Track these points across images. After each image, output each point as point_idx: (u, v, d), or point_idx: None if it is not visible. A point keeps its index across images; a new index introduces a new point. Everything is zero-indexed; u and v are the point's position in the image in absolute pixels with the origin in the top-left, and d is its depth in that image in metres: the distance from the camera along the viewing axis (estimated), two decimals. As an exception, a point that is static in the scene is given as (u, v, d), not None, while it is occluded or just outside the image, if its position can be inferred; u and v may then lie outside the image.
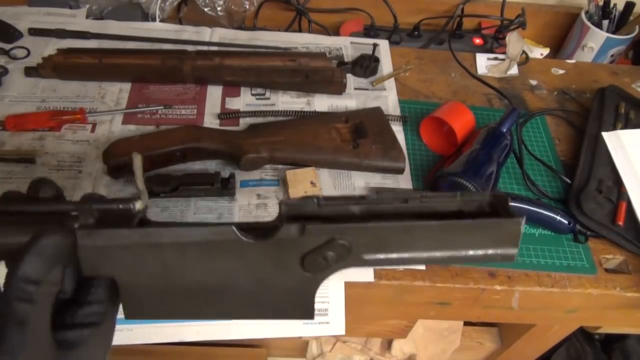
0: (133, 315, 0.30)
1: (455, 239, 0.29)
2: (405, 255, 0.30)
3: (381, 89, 0.82)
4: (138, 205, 0.29)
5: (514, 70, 0.89)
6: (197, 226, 0.29)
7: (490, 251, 0.30)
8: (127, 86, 0.77)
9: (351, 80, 0.82)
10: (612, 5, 0.96)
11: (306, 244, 0.29)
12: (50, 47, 0.80)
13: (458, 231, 0.29)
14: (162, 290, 0.30)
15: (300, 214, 0.30)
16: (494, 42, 0.98)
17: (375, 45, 0.82)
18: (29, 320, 0.25)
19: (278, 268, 0.30)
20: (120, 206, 0.29)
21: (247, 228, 0.30)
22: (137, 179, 0.29)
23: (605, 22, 0.96)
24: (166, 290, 0.30)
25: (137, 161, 0.28)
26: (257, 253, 0.29)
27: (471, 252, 0.30)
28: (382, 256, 0.30)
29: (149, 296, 0.30)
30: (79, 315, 0.28)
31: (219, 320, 0.31)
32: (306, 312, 0.32)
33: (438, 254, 0.30)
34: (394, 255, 0.30)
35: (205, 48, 0.83)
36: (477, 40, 0.98)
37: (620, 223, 0.64)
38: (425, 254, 0.30)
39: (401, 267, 0.60)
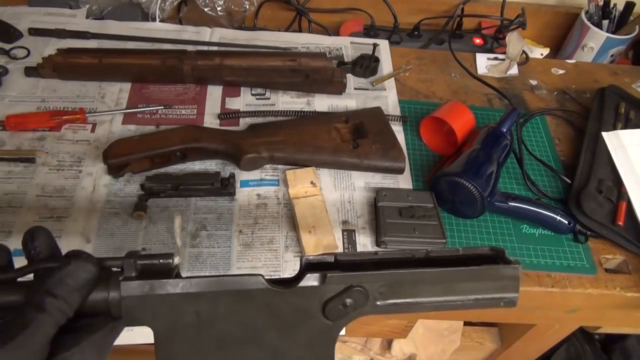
0: None
1: (460, 285, 0.32)
2: (416, 300, 0.33)
3: (381, 89, 0.82)
4: (176, 260, 0.32)
5: (514, 70, 0.89)
6: (228, 277, 0.31)
7: (493, 296, 0.33)
8: (127, 86, 0.77)
9: (351, 80, 0.82)
10: (612, 5, 0.96)
11: (327, 292, 0.32)
12: (50, 47, 0.80)
13: (463, 277, 0.32)
14: (195, 342, 0.32)
15: (319, 265, 0.32)
16: (494, 42, 0.98)
17: (375, 45, 0.82)
18: (31, 325, 0.27)
19: (301, 316, 0.32)
20: (161, 261, 0.32)
21: (273, 281, 0.32)
22: (176, 236, 0.33)
23: (605, 22, 0.96)
24: (198, 342, 0.32)
25: (178, 222, 0.32)
26: (282, 301, 0.32)
27: (475, 297, 0.33)
28: (395, 302, 0.32)
29: (181, 348, 0.32)
30: (75, 324, 0.30)
31: None
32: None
33: (446, 298, 0.33)
34: (406, 301, 0.32)
35: (205, 48, 0.83)
36: (477, 40, 0.98)
37: (620, 223, 0.64)
38: (434, 299, 0.33)
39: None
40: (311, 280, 0.31)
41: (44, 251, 0.31)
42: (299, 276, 0.32)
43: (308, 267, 0.32)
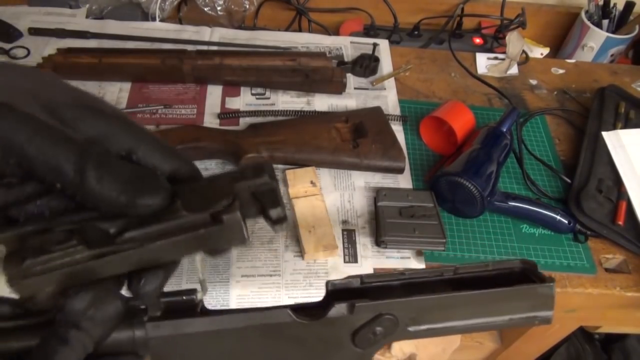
0: None
1: (492, 306, 0.32)
2: (448, 325, 0.32)
3: (381, 88, 0.82)
4: (199, 295, 0.31)
5: (514, 70, 0.89)
6: (255, 311, 0.30)
7: (527, 315, 0.32)
8: (127, 86, 0.77)
9: (351, 79, 0.82)
10: (612, 4, 0.96)
11: (356, 321, 0.31)
12: (50, 46, 0.80)
13: (494, 299, 0.31)
14: None
15: (345, 291, 0.32)
16: (494, 42, 0.98)
17: (375, 45, 0.82)
18: (54, 358, 0.26)
19: (331, 347, 0.32)
20: (184, 298, 0.31)
21: (299, 308, 0.31)
22: (199, 271, 0.31)
23: (605, 22, 0.96)
24: None
25: (199, 259, 0.31)
26: (311, 333, 0.31)
27: (510, 317, 0.32)
28: (427, 327, 0.32)
29: None
30: None
31: None
32: None
33: (478, 321, 0.32)
34: (438, 326, 0.32)
35: (205, 48, 0.83)
36: (477, 40, 0.98)
37: (620, 222, 0.64)
38: (466, 322, 0.32)
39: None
40: (339, 310, 0.31)
41: None
42: (326, 304, 0.31)
43: (334, 293, 0.32)
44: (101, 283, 0.29)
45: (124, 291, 0.30)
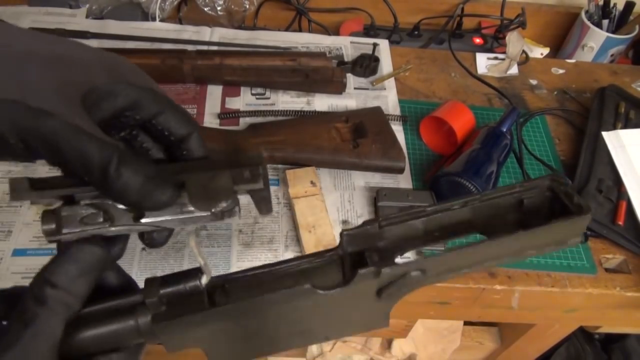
0: None
1: (525, 242, 0.30)
2: (479, 267, 0.31)
3: (381, 88, 0.82)
4: (204, 280, 0.29)
5: (514, 70, 0.89)
6: (272, 293, 0.28)
7: (557, 245, 0.31)
8: (127, 86, 0.77)
9: (351, 79, 0.82)
10: (612, 4, 0.96)
11: (382, 281, 0.30)
12: (50, 46, 0.80)
13: (528, 237, 0.30)
14: (245, 345, 0.31)
15: (362, 240, 0.30)
16: (494, 42, 0.98)
17: (375, 45, 0.82)
18: (34, 322, 0.24)
19: (355, 303, 0.31)
20: (187, 287, 0.29)
21: (310, 260, 0.31)
22: (197, 255, 0.29)
23: (605, 22, 0.96)
24: (249, 343, 0.31)
25: (192, 241, 0.30)
26: (334, 299, 0.30)
27: (539, 249, 0.31)
28: (456, 272, 0.31)
29: (232, 351, 0.31)
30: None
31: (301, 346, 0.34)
32: (381, 322, 0.33)
33: (510, 259, 0.31)
34: (470, 269, 0.31)
35: (205, 48, 0.83)
36: (477, 40, 0.98)
37: (620, 222, 0.64)
38: (497, 261, 0.31)
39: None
40: (364, 277, 0.29)
41: None
42: (339, 255, 0.30)
43: (349, 244, 0.30)
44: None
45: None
